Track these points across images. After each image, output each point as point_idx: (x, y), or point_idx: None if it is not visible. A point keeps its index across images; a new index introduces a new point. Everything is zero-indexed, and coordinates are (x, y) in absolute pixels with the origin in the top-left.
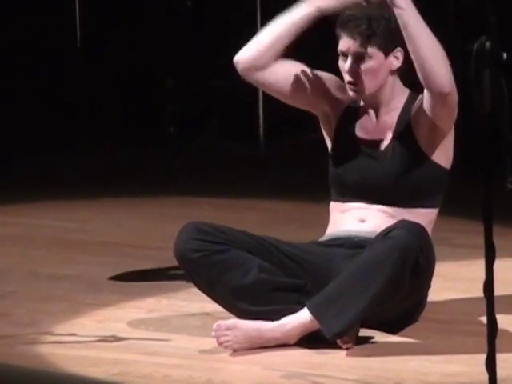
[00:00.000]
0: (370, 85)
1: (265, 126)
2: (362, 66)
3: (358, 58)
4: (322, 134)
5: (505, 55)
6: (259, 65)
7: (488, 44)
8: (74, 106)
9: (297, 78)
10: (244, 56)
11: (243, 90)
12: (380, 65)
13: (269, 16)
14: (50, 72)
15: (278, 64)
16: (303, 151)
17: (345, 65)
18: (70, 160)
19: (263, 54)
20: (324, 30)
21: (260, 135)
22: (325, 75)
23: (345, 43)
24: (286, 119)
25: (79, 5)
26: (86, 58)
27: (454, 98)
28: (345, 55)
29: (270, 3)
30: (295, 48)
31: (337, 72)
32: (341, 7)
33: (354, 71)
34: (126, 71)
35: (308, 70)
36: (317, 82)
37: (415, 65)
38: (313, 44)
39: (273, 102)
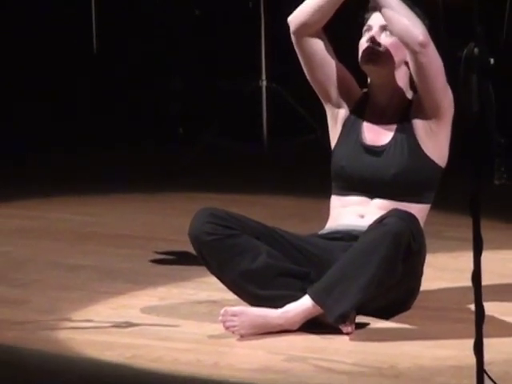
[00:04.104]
0: (385, 57)
1: (268, 127)
2: (384, 37)
3: (383, 30)
4: (327, 132)
5: (492, 61)
6: (308, 25)
7: (476, 50)
8: (89, 109)
9: (329, 59)
10: (295, 16)
11: (247, 92)
12: (399, 44)
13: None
14: (67, 77)
15: (322, 40)
16: (304, 150)
17: (368, 35)
18: (86, 159)
19: (311, 15)
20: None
21: (263, 135)
22: (347, 71)
23: (374, 18)
24: (288, 120)
25: (95, 14)
26: (102, 63)
27: (433, 49)
28: (370, 30)
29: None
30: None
31: None
32: None
33: (376, 39)
34: (139, 75)
35: (338, 62)
36: (342, 71)
37: (391, 27)
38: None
39: (275, 104)
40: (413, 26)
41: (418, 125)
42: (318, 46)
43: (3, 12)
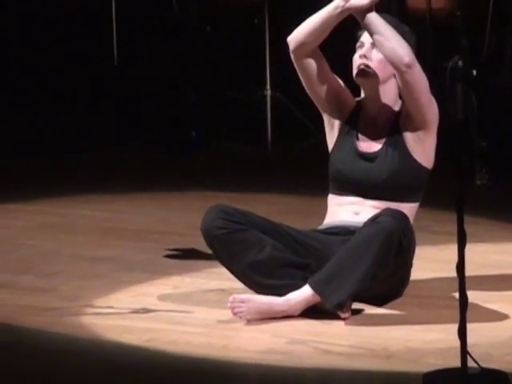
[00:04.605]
0: (377, 71)
1: (272, 132)
2: (375, 53)
3: (374, 47)
4: (325, 137)
5: (474, 72)
6: (305, 45)
7: (460, 63)
8: (112, 117)
9: (325, 74)
10: (294, 36)
11: (254, 100)
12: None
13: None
14: (90, 87)
15: (318, 57)
16: (304, 153)
17: (361, 51)
18: (109, 160)
19: (307, 36)
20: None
21: (268, 139)
22: (342, 83)
23: (366, 35)
24: (290, 126)
25: (116, 28)
26: (122, 74)
27: (418, 69)
28: (362, 46)
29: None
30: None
31: None
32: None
33: (368, 55)
34: (157, 85)
35: (334, 75)
36: (337, 84)
37: (380, 49)
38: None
39: (279, 111)
40: (399, 49)
41: (407, 133)
42: (315, 62)
43: (29, 23)
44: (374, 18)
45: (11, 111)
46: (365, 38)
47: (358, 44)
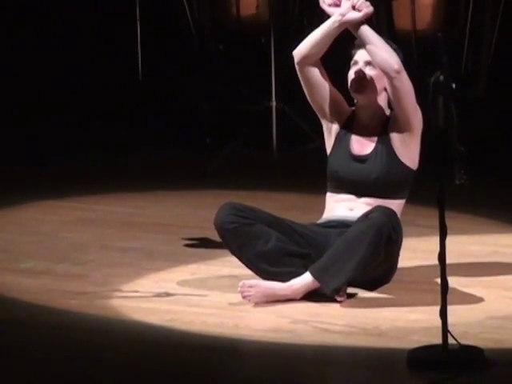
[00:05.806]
0: (370, 87)
1: (277, 138)
2: (368, 71)
3: (367, 65)
4: (323, 142)
5: (454, 85)
6: (308, 57)
7: (442, 77)
8: (137, 124)
9: (325, 85)
10: (298, 50)
11: (260, 110)
12: (380, 75)
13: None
14: (114, 101)
15: (319, 69)
16: (305, 156)
17: (355, 68)
18: (132, 163)
19: (310, 49)
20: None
21: (273, 144)
22: (339, 93)
23: (359, 54)
24: (293, 133)
25: (141, 44)
26: (147, 89)
27: (406, 76)
28: (356, 64)
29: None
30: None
31: None
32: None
33: (361, 72)
34: (177, 98)
35: (332, 86)
36: (335, 93)
37: (373, 58)
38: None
39: (283, 120)
40: (390, 58)
41: (395, 137)
42: (316, 73)
43: (57, 40)
44: (366, 30)
45: (43, 118)
46: (358, 56)
47: (352, 62)
